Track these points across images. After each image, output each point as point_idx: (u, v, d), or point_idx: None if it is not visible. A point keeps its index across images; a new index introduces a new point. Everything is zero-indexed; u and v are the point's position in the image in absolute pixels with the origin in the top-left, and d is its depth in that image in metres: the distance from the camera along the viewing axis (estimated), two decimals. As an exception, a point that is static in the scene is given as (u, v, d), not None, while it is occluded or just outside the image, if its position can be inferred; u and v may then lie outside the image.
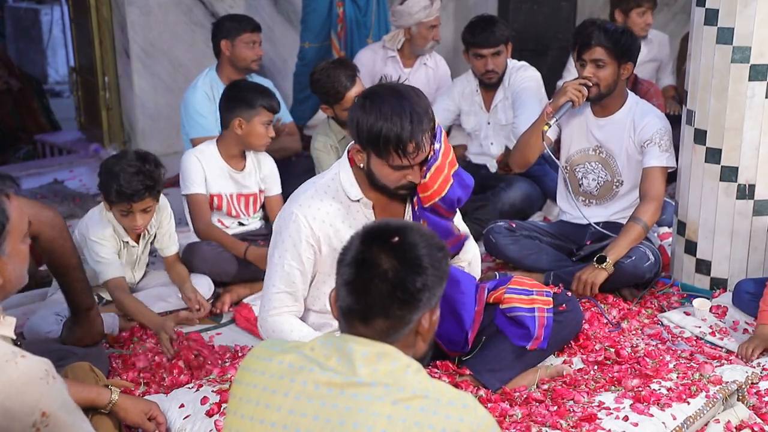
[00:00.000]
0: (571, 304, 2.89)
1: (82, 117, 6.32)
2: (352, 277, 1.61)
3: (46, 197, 4.89)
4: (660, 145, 3.47)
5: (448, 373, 2.71)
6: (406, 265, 1.60)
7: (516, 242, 3.64)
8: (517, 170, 3.87)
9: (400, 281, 1.58)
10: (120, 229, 3.28)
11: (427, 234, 1.67)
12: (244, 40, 4.35)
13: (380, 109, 2.45)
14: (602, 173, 3.65)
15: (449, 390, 1.57)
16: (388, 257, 1.59)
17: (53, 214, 2.67)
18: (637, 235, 3.38)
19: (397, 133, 2.43)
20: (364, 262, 1.60)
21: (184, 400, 2.56)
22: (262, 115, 3.55)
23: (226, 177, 3.64)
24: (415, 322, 1.62)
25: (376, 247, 1.61)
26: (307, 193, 2.65)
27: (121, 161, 3.15)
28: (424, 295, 1.60)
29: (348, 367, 1.56)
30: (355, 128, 2.51)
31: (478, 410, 1.55)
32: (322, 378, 1.56)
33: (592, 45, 3.43)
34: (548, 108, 3.53)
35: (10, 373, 1.62)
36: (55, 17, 8.95)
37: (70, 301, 2.77)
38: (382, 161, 2.51)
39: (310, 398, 1.55)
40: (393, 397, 1.51)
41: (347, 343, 1.58)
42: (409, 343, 1.63)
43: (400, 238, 1.62)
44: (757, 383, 2.77)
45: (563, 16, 6.34)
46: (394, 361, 1.56)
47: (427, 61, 4.98)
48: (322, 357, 1.59)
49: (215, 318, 3.44)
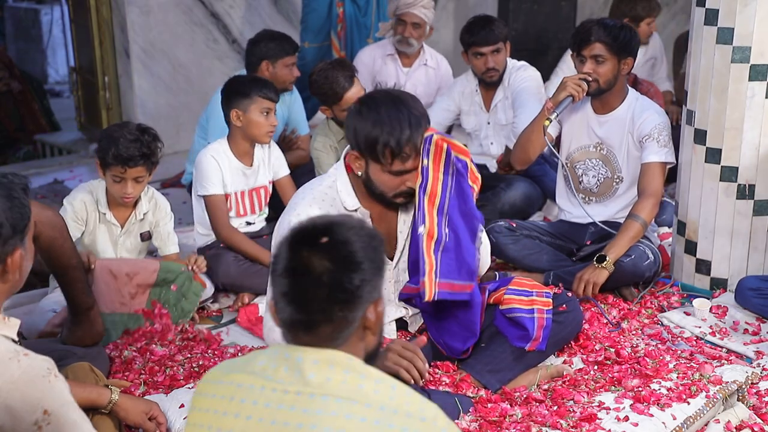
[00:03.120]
0: (571, 305, 2.89)
1: (82, 117, 6.33)
2: (287, 288, 1.53)
3: (46, 197, 4.89)
4: (658, 141, 3.47)
5: (448, 374, 2.72)
6: (340, 264, 1.52)
7: (516, 242, 3.64)
8: (519, 167, 3.86)
9: (336, 283, 1.51)
10: (102, 198, 3.29)
11: (357, 225, 1.59)
12: (286, 62, 4.34)
13: (377, 115, 2.45)
14: (602, 170, 3.65)
15: (409, 402, 1.49)
16: (320, 260, 1.51)
17: (53, 214, 2.67)
18: (635, 232, 3.38)
19: (397, 138, 2.43)
20: (297, 269, 1.52)
21: (184, 400, 2.56)
22: (258, 104, 3.51)
23: (239, 174, 3.61)
24: (360, 318, 1.56)
25: (306, 250, 1.53)
26: (305, 201, 2.63)
27: (122, 128, 3.21)
28: (364, 290, 1.53)
29: (298, 377, 1.50)
30: (353, 135, 2.51)
31: (438, 422, 1.49)
32: (273, 396, 1.51)
33: (591, 41, 3.43)
34: (548, 103, 3.52)
35: (13, 371, 1.62)
36: (55, 17, 8.95)
37: (70, 301, 2.77)
38: (380, 167, 2.51)
39: (261, 418, 1.51)
40: (347, 411, 1.46)
41: (296, 352, 1.53)
42: (358, 339, 1.57)
43: (329, 237, 1.54)
44: (757, 383, 2.78)
45: (563, 16, 6.34)
46: (346, 370, 1.50)
47: (428, 61, 4.97)
48: (270, 370, 1.53)
49: (215, 318, 3.43)
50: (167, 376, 2.81)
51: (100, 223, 3.32)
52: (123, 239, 3.36)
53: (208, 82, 5.79)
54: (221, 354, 2.99)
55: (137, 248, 3.43)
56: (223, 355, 2.98)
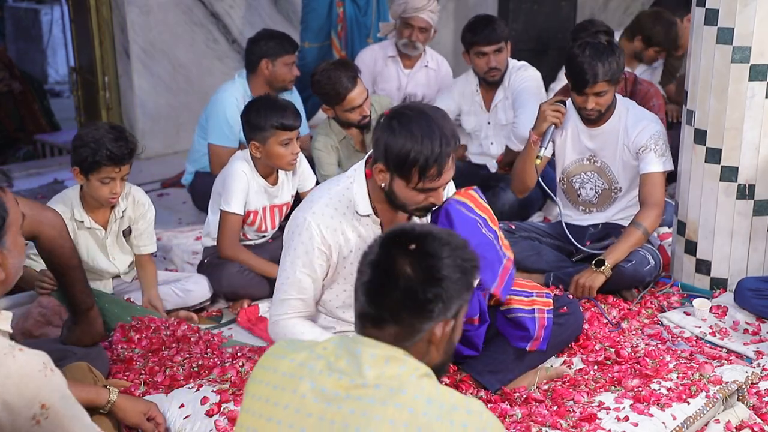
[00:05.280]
0: (572, 307, 2.90)
1: (82, 117, 6.32)
2: (367, 278, 1.59)
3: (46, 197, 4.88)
4: (656, 151, 3.47)
5: (448, 374, 2.72)
6: (421, 274, 1.55)
7: (515, 243, 3.62)
8: (520, 195, 3.90)
9: (410, 290, 1.55)
10: (78, 206, 3.25)
11: (454, 244, 1.60)
12: (286, 61, 4.34)
13: (410, 133, 2.39)
14: (599, 182, 3.65)
15: (454, 395, 1.53)
16: (404, 264, 1.55)
17: (53, 214, 2.67)
18: (636, 240, 3.39)
19: (426, 156, 2.38)
20: (380, 265, 1.58)
21: (184, 400, 2.56)
22: (276, 136, 3.38)
23: (262, 192, 3.55)
24: (428, 331, 1.58)
25: (395, 251, 1.57)
26: (322, 200, 2.60)
27: (99, 130, 3.15)
28: (436, 306, 1.55)
29: (355, 369, 1.55)
30: (383, 150, 2.45)
31: (484, 415, 1.53)
32: (329, 379, 1.56)
33: (596, 81, 3.39)
34: (533, 136, 3.55)
35: (9, 366, 1.62)
36: (55, 17, 8.95)
37: (70, 301, 2.77)
38: (406, 183, 2.46)
39: (316, 398, 1.55)
40: (396, 401, 1.50)
41: (357, 345, 1.57)
42: (421, 351, 1.60)
43: (419, 245, 1.58)
44: (757, 383, 2.78)
45: (563, 16, 6.34)
46: (402, 365, 1.54)
47: (429, 62, 4.98)
48: (333, 357, 1.58)
49: (215, 318, 3.43)
50: (167, 376, 2.81)
51: (80, 231, 3.28)
52: (110, 241, 3.35)
53: (208, 82, 5.79)
54: (221, 354, 2.99)
55: (126, 248, 3.41)
56: (222, 354, 2.98)
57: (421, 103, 2.55)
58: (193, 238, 4.07)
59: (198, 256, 3.86)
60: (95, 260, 3.32)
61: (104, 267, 3.35)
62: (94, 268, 3.31)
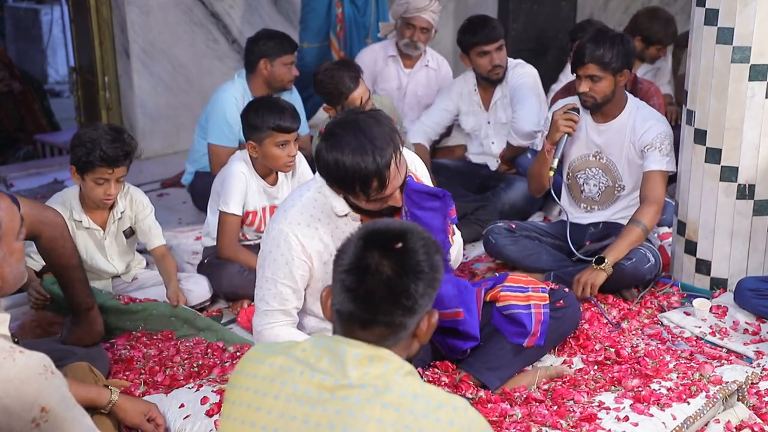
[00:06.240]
0: (569, 300, 2.90)
1: (82, 117, 6.32)
2: (354, 285, 1.57)
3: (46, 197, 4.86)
4: (661, 150, 3.48)
5: (448, 373, 2.72)
6: (409, 271, 1.56)
7: (515, 243, 3.64)
8: (537, 195, 3.94)
9: (403, 289, 1.56)
10: (77, 206, 3.26)
11: (425, 237, 1.63)
12: (284, 61, 4.33)
13: (342, 152, 2.32)
14: (603, 179, 3.65)
15: (440, 393, 1.55)
16: (390, 264, 1.56)
17: (54, 214, 2.67)
18: (636, 237, 3.39)
19: (362, 175, 2.33)
20: (367, 269, 1.56)
21: (184, 400, 2.56)
22: (272, 137, 3.37)
23: (261, 192, 3.55)
24: (414, 326, 1.60)
25: (378, 253, 1.57)
26: (294, 208, 2.58)
27: (97, 131, 3.16)
28: (425, 300, 1.59)
29: (339, 369, 1.54)
30: (324, 174, 2.43)
31: (469, 412, 1.53)
32: (312, 381, 1.55)
33: (585, 62, 3.42)
34: (547, 145, 3.57)
35: (8, 369, 1.61)
36: (55, 17, 8.95)
37: (71, 301, 2.78)
38: (356, 198, 2.45)
39: (299, 401, 1.54)
40: (382, 400, 1.50)
41: (339, 344, 1.57)
42: (406, 344, 1.62)
43: (403, 243, 1.58)
44: (757, 383, 2.77)
45: (563, 16, 6.34)
46: (386, 363, 1.55)
47: (429, 62, 4.98)
48: (313, 358, 1.57)
49: (215, 318, 3.43)
50: (167, 376, 2.81)
51: (79, 231, 3.28)
52: (109, 241, 3.35)
53: (208, 82, 5.79)
54: (221, 354, 2.99)
55: (125, 248, 3.42)
56: (222, 354, 2.98)
57: (357, 111, 2.46)
58: (193, 238, 4.07)
59: (198, 256, 3.86)
60: (93, 260, 3.32)
61: (103, 267, 3.35)
62: (93, 267, 3.31)
